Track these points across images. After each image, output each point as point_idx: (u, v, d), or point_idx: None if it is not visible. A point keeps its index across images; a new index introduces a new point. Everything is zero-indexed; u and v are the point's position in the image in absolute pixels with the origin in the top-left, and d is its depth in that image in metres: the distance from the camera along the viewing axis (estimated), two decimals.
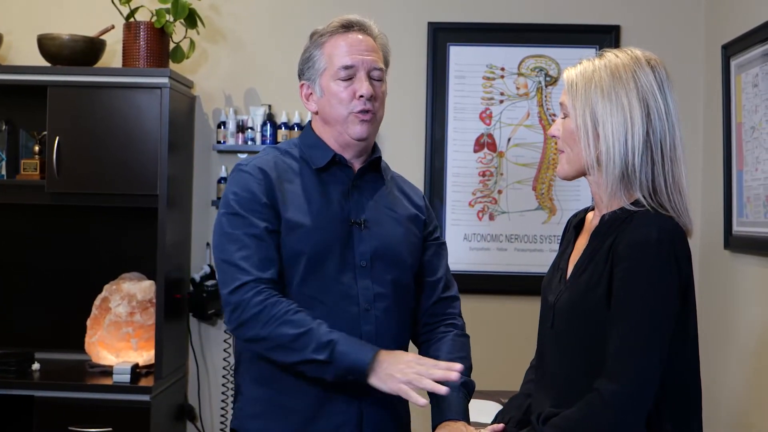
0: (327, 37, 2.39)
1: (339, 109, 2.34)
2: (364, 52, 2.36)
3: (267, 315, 2.18)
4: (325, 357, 2.13)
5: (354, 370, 2.14)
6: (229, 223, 2.28)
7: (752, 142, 3.34)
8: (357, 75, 2.34)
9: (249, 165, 2.34)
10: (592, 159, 2.02)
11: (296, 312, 2.19)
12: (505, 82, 4.12)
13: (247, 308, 2.19)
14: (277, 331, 2.16)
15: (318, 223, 2.30)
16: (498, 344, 4.11)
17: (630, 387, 1.89)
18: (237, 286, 2.21)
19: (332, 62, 2.35)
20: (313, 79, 2.39)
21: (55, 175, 3.72)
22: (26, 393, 3.64)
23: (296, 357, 2.16)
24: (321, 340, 2.14)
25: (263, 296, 2.19)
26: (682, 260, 1.95)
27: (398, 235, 2.42)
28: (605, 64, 2.04)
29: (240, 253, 2.23)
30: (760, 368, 3.34)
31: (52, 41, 3.82)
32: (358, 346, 2.17)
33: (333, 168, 2.38)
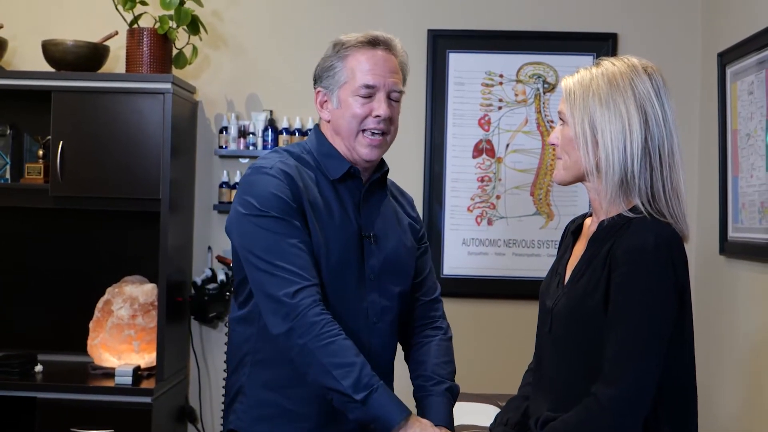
0: (352, 51, 2.34)
1: (352, 124, 2.32)
2: (388, 73, 2.33)
3: (322, 330, 2.14)
4: (360, 398, 2.11)
5: (380, 422, 2.14)
6: (274, 226, 2.22)
7: (747, 149, 3.37)
8: (377, 95, 2.32)
9: (273, 168, 2.29)
10: (591, 166, 2.04)
11: (345, 339, 2.16)
12: (504, 88, 4.16)
13: (305, 315, 2.15)
14: (326, 350, 2.13)
15: (337, 235, 2.29)
16: (496, 348, 4.13)
17: (627, 391, 1.90)
18: (297, 289, 2.16)
19: (354, 77, 2.32)
20: (332, 89, 2.36)
21: (59, 179, 3.75)
22: (29, 394, 3.66)
23: (332, 383, 2.13)
24: (362, 381, 2.12)
25: (320, 308, 2.17)
26: (679, 266, 1.96)
27: (401, 248, 2.43)
28: (602, 72, 2.05)
29: (293, 258, 2.19)
30: (755, 372, 3.36)
31: (56, 47, 3.85)
32: (395, 403, 2.16)
33: (348, 180, 2.37)
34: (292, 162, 2.33)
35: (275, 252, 2.19)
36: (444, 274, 4.13)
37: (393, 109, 2.35)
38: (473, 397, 3.47)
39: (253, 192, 2.26)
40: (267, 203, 2.23)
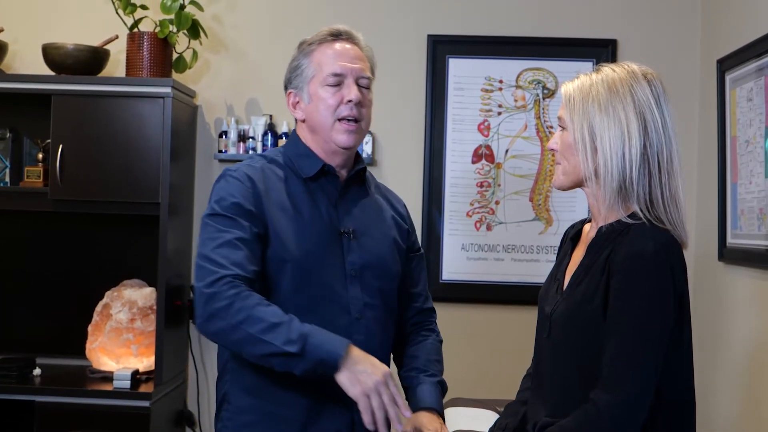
0: (316, 46, 2.41)
1: (326, 114, 2.35)
2: (353, 59, 2.39)
3: (238, 306, 2.11)
4: (297, 350, 2.08)
5: (324, 364, 2.09)
6: (213, 224, 2.25)
7: (746, 156, 3.38)
8: (345, 82, 2.36)
9: (238, 171, 2.34)
10: (590, 172, 2.04)
11: (268, 305, 2.13)
12: (504, 94, 4.16)
13: (219, 299, 2.12)
14: (247, 321, 2.10)
15: (308, 231, 2.30)
16: (494, 353, 4.13)
17: (625, 397, 1.91)
18: (213, 279, 2.15)
19: (321, 69, 2.37)
20: (301, 87, 2.40)
21: (58, 183, 3.76)
22: (27, 398, 3.66)
23: (266, 348, 2.10)
24: (292, 333, 2.09)
25: (237, 290, 2.13)
26: (678, 272, 1.97)
27: (385, 246, 2.44)
28: (602, 79, 2.06)
29: (220, 250, 2.19)
30: (753, 379, 3.37)
31: (56, 50, 3.86)
32: (332, 339, 2.12)
33: (321, 178, 2.39)
34: (258, 165, 2.38)
35: (210, 246, 2.21)
36: (443, 279, 4.13)
37: (364, 94, 2.38)
38: (472, 402, 3.47)
39: (214, 195, 2.32)
40: (219, 204, 2.27)
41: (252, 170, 2.35)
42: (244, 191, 2.28)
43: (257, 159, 2.42)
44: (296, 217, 2.31)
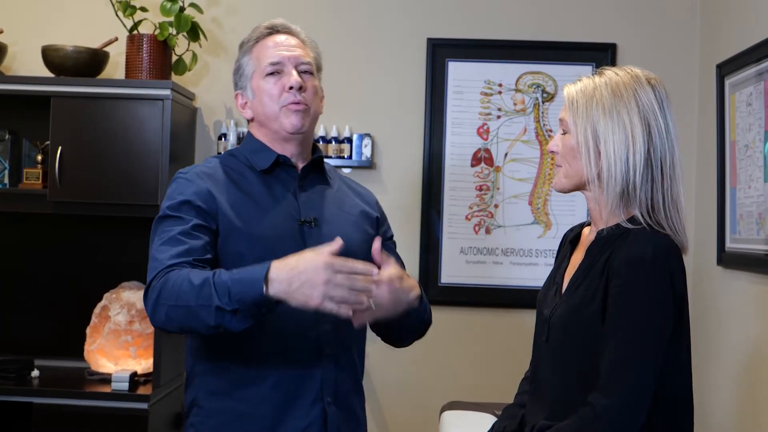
0: (253, 43, 2.42)
1: (270, 105, 2.35)
2: (290, 48, 2.39)
3: (169, 285, 2.06)
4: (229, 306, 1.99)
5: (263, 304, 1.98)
6: (160, 225, 2.25)
7: (746, 160, 3.38)
8: (285, 70, 2.36)
9: (189, 173, 2.34)
10: (593, 176, 2.04)
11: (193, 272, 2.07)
12: (503, 97, 4.16)
13: (154, 290, 2.09)
14: (181, 294, 2.04)
15: (266, 224, 2.28)
16: (493, 357, 4.13)
17: (623, 401, 1.91)
18: (153, 276, 2.12)
19: (259, 62, 2.38)
20: (245, 85, 2.41)
21: (57, 185, 3.75)
22: (25, 400, 3.65)
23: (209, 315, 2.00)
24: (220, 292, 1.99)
25: (165, 276, 2.09)
26: (677, 277, 1.97)
27: (350, 233, 2.36)
28: (606, 82, 2.06)
29: (161, 248, 2.17)
30: (751, 384, 3.37)
31: (56, 52, 3.86)
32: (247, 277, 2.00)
33: (277, 169, 2.37)
34: (211, 164, 2.38)
35: (153, 247, 2.20)
36: (442, 283, 4.13)
37: (306, 79, 2.37)
38: (470, 405, 3.47)
39: (166, 198, 2.32)
40: (167, 206, 2.26)
41: (203, 169, 2.35)
42: (193, 189, 2.27)
43: (210, 159, 2.42)
44: (253, 209, 2.29)
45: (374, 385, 4.14)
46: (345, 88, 4.18)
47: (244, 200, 2.30)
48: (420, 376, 4.15)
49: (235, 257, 2.22)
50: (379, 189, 4.15)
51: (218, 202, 2.26)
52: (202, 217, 2.23)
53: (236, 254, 2.23)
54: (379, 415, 4.15)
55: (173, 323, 2.09)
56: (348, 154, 4.09)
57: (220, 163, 2.40)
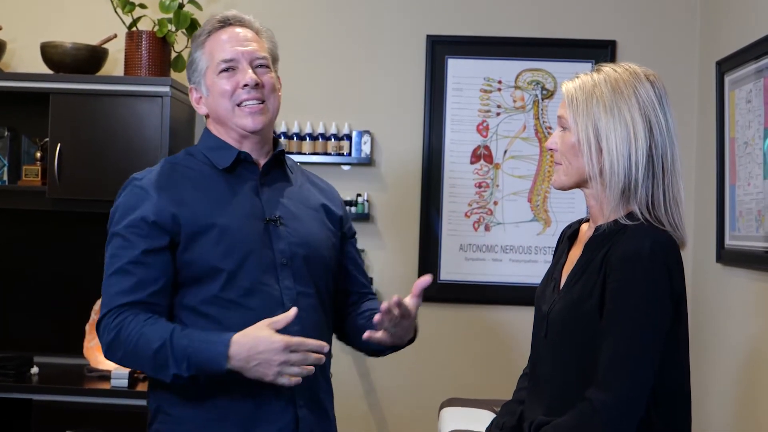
0: (206, 36, 2.33)
1: (224, 103, 2.28)
2: (244, 42, 2.31)
3: (123, 336, 2.13)
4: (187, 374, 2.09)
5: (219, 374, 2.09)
6: (111, 243, 2.23)
7: (745, 157, 3.38)
8: (239, 66, 2.28)
9: (144, 179, 2.27)
10: (594, 173, 2.04)
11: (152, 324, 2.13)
12: (502, 94, 4.16)
13: (107, 333, 2.16)
14: (135, 351, 2.13)
15: (232, 223, 2.23)
16: (492, 354, 4.14)
17: (621, 396, 1.91)
18: (103, 314, 2.18)
19: (213, 58, 2.30)
20: (199, 81, 2.34)
21: (56, 182, 3.76)
22: (24, 396, 3.66)
23: (165, 378, 2.12)
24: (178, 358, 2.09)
25: (120, 318, 2.14)
26: (675, 272, 1.97)
27: (315, 230, 2.36)
28: (605, 79, 2.06)
29: (109, 280, 2.20)
30: (750, 380, 3.37)
31: (54, 49, 3.86)
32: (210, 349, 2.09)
33: (238, 167, 2.31)
34: (169, 167, 2.31)
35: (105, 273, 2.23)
36: (441, 280, 4.13)
37: (262, 75, 2.30)
38: (469, 402, 3.48)
39: (117, 202, 2.28)
40: (118, 221, 2.23)
41: (161, 173, 2.28)
42: (148, 202, 2.21)
43: (168, 161, 2.35)
44: (217, 211, 2.23)
45: (374, 382, 4.14)
46: (344, 85, 4.18)
47: (206, 202, 2.24)
48: (419, 373, 4.15)
49: (201, 261, 2.20)
50: (378, 186, 4.16)
51: (177, 211, 2.21)
52: (155, 236, 2.19)
53: (203, 262, 2.20)
54: (379, 411, 4.15)
55: (128, 365, 2.22)
56: (347, 151, 4.08)
57: (179, 164, 2.33)
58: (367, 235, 4.14)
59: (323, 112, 4.17)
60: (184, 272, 2.22)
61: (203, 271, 2.21)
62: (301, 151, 4.09)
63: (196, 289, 2.22)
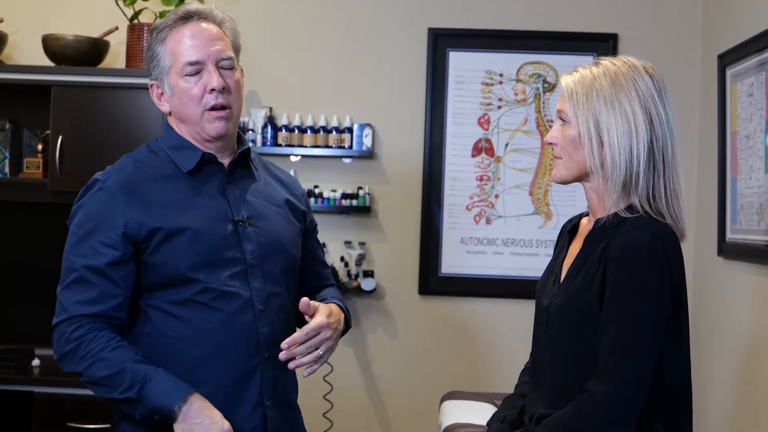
0: (167, 32, 2.22)
1: (192, 107, 2.21)
2: (209, 42, 2.21)
3: (83, 351, 2.10)
4: (134, 395, 2.07)
5: (161, 411, 2.08)
6: (73, 249, 2.19)
7: (747, 151, 3.38)
8: (206, 68, 2.19)
9: (108, 180, 2.19)
10: (596, 166, 2.04)
11: (114, 348, 2.11)
12: (504, 88, 4.16)
13: (65, 343, 2.13)
14: (92, 368, 2.10)
15: (201, 226, 2.17)
16: (494, 347, 4.14)
17: (621, 389, 1.91)
18: (59, 321, 2.17)
19: (177, 58, 2.20)
20: (161, 78, 2.24)
21: (58, 174, 3.76)
22: (26, 389, 3.67)
23: (111, 394, 2.10)
24: (134, 379, 2.07)
25: (82, 331, 2.12)
26: (674, 264, 1.97)
27: (282, 228, 2.31)
28: (604, 72, 2.05)
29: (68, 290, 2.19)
30: (750, 374, 3.37)
31: (56, 41, 3.86)
32: (173, 387, 2.09)
33: (204, 168, 2.25)
34: (133, 167, 2.24)
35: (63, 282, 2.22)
36: (442, 273, 4.14)
37: (228, 77, 2.22)
38: (471, 395, 3.48)
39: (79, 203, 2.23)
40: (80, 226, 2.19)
41: (125, 174, 2.21)
42: (117, 207, 2.16)
43: (130, 159, 2.27)
44: (185, 215, 2.18)
45: (374, 376, 4.15)
46: (346, 78, 4.19)
47: (173, 206, 2.18)
48: (420, 366, 4.16)
49: (170, 266, 2.16)
50: (379, 179, 4.16)
51: (145, 218, 2.15)
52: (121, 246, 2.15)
53: (171, 263, 2.16)
54: (380, 404, 4.16)
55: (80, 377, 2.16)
56: (348, 144, 4.09)
57: (143, 163, 2.25)
58: (368, 228, 4.15)
59: (325, 105, 4.17)
60: (151, 276, 2.18)
61: (172, 276, 2.17)
62: (302, 143, 4.09)
63: (165, 291, 2.18)
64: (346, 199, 4.09)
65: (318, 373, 3.82)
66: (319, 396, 3.95)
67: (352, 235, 4.16)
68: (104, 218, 2.16)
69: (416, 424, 4.12)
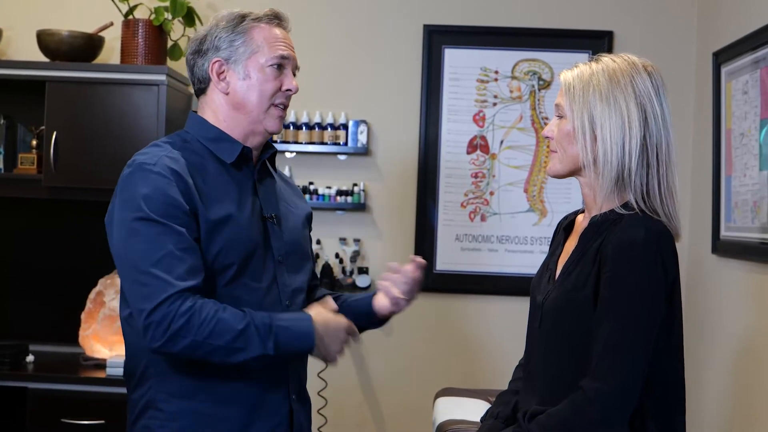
0: (257, 23, 2.29)
1: (259, 98, 2.25)
2: (291, 47, 2.33)
3: (198, 321, 2.04)
4: (271, 350, 2.09)
5: (300, 351, 2.17)
6: (147, 231, 2.09)
7: (741, 149, 3.39)
8: (287, 69, 2.29)
9: (158, 164, 2.14)
10: (588, 161, 2.05)
11: (225, 309, 2.08)
12: (499, 85, 4.17)
13: (175, 319, 2.04)
14: (213, 335, 2.05)
15: (242, 219, 2.21)
16: (487, 344, 4.15)
17: (614, 386, 1.92)
18: (161, 300, 2.04)
19: (265, 49, 2.26)
20: (237, 60, 2.25)
21: (52, 170, 3.75)
22: (20, 385, 3.66)
23: (242, 356, 2.08)
24: (262, 335, 2.08)
25: (190, 303, 2.05)
26: (669, 262, 1.98)
27: (300, 229, 2.41)
28: (603, 69, 2.07)
29: (163, 265, 2.06)
30: (745, 370, 3.38)
31: (51, 37, 3.85)
32: (297, 324, 2.14)
33: (241, 162, 2.29)
34: (176, 154, 2.20)
35: (149, 261, 2.08)
36: (437, 270, 4.14)
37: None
38: (464, 392, 3.48)
39: (133, 191, 2.13)
40: (149, 206, 2.10)
41: (173, 162, 2.17)
42: (173, 188, 2.13)
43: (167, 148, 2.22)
44: (231, 205, 2.21)
45: (369, 372, 4.16)
46: (341, 75, 4.19)
47: (221, 197, 2.20)
48: (415, 363, 4.16)
49: (219, 255, 2.17)
50: (374, 176, 4.16)
51: (196, 202, 2.15)
52: (190, 224, 2.13)
53: (222, 251, 2.17)
54: (374, 401, 4.17)
55: (192, 354, 2.09)
56: (344, 141, 4.09)
57: (181, 153, 2.22)
58: (363, 224, 4.15)
59: (320, 101, 4.17)
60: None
61: (216, 266, 2.17)
62: (297, 140, 4.09)
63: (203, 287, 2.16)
64: (341, 195, 4.09)
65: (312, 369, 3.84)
66: (313, 392, 3.94)
67: (347, 231, 4.16)
68: (169, 198, 2.11)
69: (410, 420, 4.12)
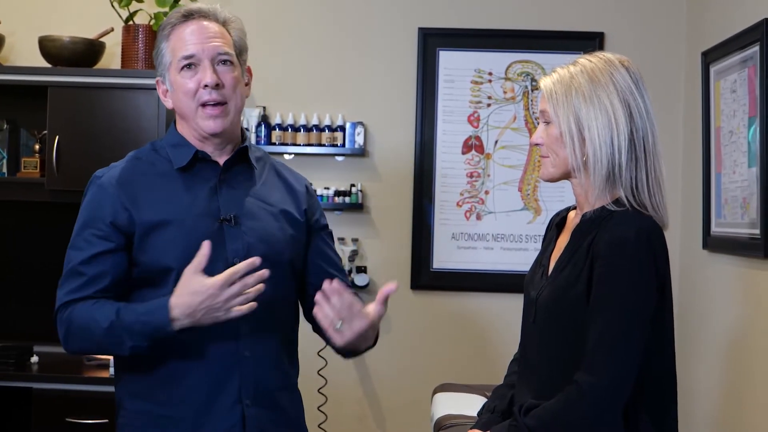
0: (170, 29, 2.25)
1: (187, 102, 2.21)
2: (206, 39, 2.22)
3: (75, 326, 2.19)
4: (144, 343, 2.11)
5: (169, 335, 2.10)
6: (71, 244, 2.25)
7: (730, 146, 3.43)
8: (200, 64, 2.20)
9: (105, 176, 2.25)
10: (578, 163, 2.07)
11: (99, 307, 2.17)
12: (493, 86, 4.21)
13: (60, 328, 2.23)
14: (89, 335, 2.17)
15: (184, 222, 2.18)
16: (484, 340, 4.19)
17: (607, 380, 1.94)
18: (54, 313, 2.26)
19: (175, 54, 2.22)
20: (164, 74, 2.26)
21: (55, 173, 3.79)
22: (25, 385, 3.68)
23: (124, 350, 2.13)
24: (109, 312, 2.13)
25: (68, 311, 2.21)
26: (660, 257, 2.00)
27: (275, 228, 2.28)
28: (581, 70, 2.09)
29: (65, 280, 2.25)
30: (736, 365, 3.42)
31: (52, 43, 3.89)
32: (150, 316, 2.10)
33: (197, 165, 2.25)
34: (133, 162, 2.30)
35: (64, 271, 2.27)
36: (433, 268, 4.18)
37: (224, 74, 2.22)
38: (461, 387, 3.51)
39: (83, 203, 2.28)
40: (82, 213, 2.24)
41: (120, 172, 2.26)
42: (107, 200, 2.21)
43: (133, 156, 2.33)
44: (170, 211, 2.20)
45: (368, 369, 4.19)
46: (338, 77, 4.22)
47: (159, 201, 2.21)
48: (413, 359, 4.20)
49: (152, 260, 2.19)
50: (371, 176, 4.20)
51: (131, 210, 2.19)
52: (111, 236, 2.19)
53: (153, 257, 2.19)
54: (374, 397, 4.20)
55: (89, 353, 2.25)
56: (341, 142, 4.13)
57: (142, 160, 2.29)
58: (361, 224, 4.19)
59: (317, 103, 4.21)
60: (135, 271, 2.21)
61: (154, 270, 2.19)
62: (295, 142, 4.13)
63: (147, 290, 2.19)
64: (339, 196, 4.13)
65: (313, 366, 3.88)
66: (313, 389, 3.99)
67: (345, 231, 4.20)
68: (96, 211, 2.22)
69: (409, 416, 4.16)
